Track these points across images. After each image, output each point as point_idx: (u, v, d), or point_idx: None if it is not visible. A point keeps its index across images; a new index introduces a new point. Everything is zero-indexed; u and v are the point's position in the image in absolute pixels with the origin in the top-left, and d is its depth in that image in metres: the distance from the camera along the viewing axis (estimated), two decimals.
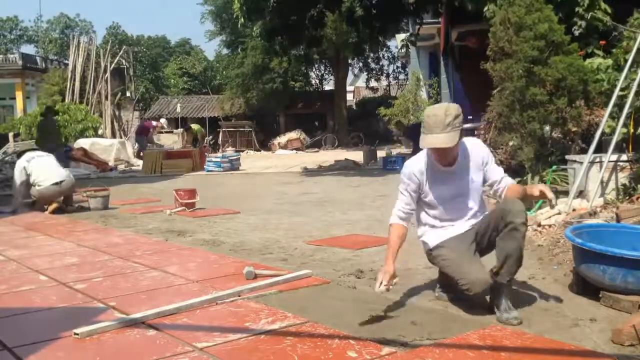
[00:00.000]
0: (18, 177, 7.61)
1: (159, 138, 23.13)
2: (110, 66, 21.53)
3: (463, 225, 3.07)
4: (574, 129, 6.27)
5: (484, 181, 3.07)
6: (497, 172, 3.06)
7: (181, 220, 6.47)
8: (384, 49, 29.54)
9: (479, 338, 2.57)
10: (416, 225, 3.23)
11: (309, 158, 18.04)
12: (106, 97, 21.10)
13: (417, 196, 3.08)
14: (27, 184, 7.59)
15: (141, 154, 16.80)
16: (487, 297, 2.97)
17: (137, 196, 9.11)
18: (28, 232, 5.98)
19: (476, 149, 3.05)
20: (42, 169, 7.58)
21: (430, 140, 2.88)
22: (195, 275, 3.89)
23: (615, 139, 5.29)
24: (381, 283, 2.83)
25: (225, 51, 33.59)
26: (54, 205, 7.44)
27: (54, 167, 7.76)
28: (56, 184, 7.52)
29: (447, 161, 2.99)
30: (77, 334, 2.69)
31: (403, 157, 13.15)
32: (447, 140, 2.84)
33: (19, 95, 26.35)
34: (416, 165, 3.06)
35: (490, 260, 2.99)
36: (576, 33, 7.17)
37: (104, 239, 5.39)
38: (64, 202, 7.75)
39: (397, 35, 23.54)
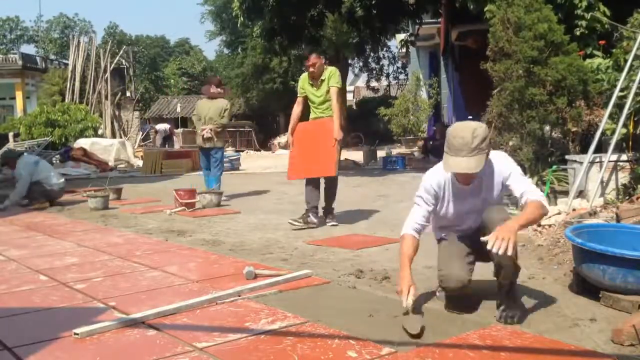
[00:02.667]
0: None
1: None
2: (110, 66, 21.53)
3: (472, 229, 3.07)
4: (573, 129, 6.27)
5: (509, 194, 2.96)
6: (518, 187, 2.86)
7: (181, 220, 6.47)
8: (384, 49, 29.55)
9: (479, 338, 2.57)
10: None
11: None
12: (106, 97, 21.09)
13: (434, 208, 3.01)
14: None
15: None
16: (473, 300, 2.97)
17: (137, 196, 9.11)
18: (28, 232, 5.98)
19: (498, 165, 2.90)
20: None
21: (455, 163, 2.75)
22: (195, 275, 3.89)
23: (615, 139, 5.29)
24: (407, 298, 2.77)
25: (225, 51, 33.64)
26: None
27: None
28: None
29: (470, 181, 2.90)
30: (77, 334, 2.70)
31: (403, 157, 13.17)
32: (473, 165, 2.72)
33: (19, 95, 26.35)
34: (435, 178, 2.97)
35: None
36: (577, 33, 7.18)
37: (104, 239, 5.39)
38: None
39: (397, 35, 23.55)
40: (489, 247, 2.61)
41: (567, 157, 5.94)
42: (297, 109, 5.85)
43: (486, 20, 7.36)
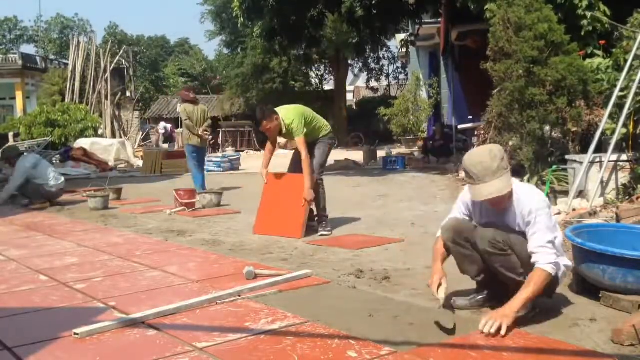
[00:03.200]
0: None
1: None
2: (110, 66, 21.53)
3: None
4: (573, 129, 6.27)
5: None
6: (532, 242, 2.71)
7: (181, 220, 6.47)
8: (384, 49, 29.55)
9: (482, 338, 2.55)
10: None
11: None
12: (106, 97, 21.09)
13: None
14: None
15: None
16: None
17: (137, 196, 9.11)
18: (28, 232, 5.98)
19: (524, 199, 2.76)
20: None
21: (484, 190, 2.67)
22: (195, 275, 3.89)
23: (615, 139, 5.30)
24: (438, 290, 2.79)
25: (225, 51, 33.62)
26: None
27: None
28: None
29: (503, 205, 2.79)
30: (77, 334, 2.70)
31: (403, 157, 13.16)
32: (502, 186, 2.66)
33: (19, 95, 26.35)
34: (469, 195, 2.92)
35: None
36: (581, 32, 7.17)
37: (104, 239, 5.39)
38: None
39: (397, 35, 23.54)
40: (480, 327, 2.55)
41: (567, 157, 5.94)
42: (269, 147, 5.61)
43: (486, 20, 7.36)
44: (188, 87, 9.90)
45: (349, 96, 34.14)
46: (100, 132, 19.25)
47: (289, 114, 5.38)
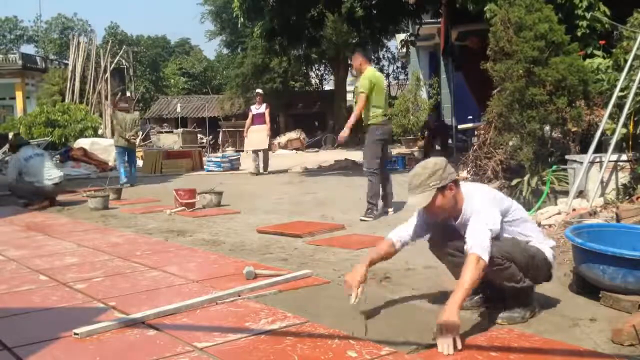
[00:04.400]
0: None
1: (159, 138, 23.12)
2: (110, 66, 21.54)
3: None
4: (574, 129, 6.27)
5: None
6: (469, 231, 2.67)
7: (181, 220, 6.47)
8: (384, 49, 29.56)
9: (486, 340, 2.55)
10: None
11: (309, 158, 17.99)
12: (106, 97, 21.10)
13: (423, 232, 2.98)
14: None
15: None
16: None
17: (137, 196, 9.11)
18: (28, 232, 5.98)
19: (469, 205, 2.76)
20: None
21: (409, 200, 2.80)
22: (195, 275, 3.89)
23: (615, 139, 5.29)
24: (356, 296, 2.85)
25: (225, 51, 33.66)
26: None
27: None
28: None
29: (440, 219, 2.85)
30: (77, 334, 2.70)
31: (403, 157, 13.16)
32: (416, 202, 2.75)
33: (19, 95, 26.38)
34: None
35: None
36: (578, 33, 7.17)
37: (104, 239, 5.39)
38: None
39: (397, 35, 23.55)
40: (439, 350, 2.41)
41: (567, 157, 5.94)
42: None
43: (486, 20, 7.36)
44: (125, 99, 11.40)
45: (349, 96, 34.13)
46: (100, 132, 19.25)
47: (368, 73, 6.12)
